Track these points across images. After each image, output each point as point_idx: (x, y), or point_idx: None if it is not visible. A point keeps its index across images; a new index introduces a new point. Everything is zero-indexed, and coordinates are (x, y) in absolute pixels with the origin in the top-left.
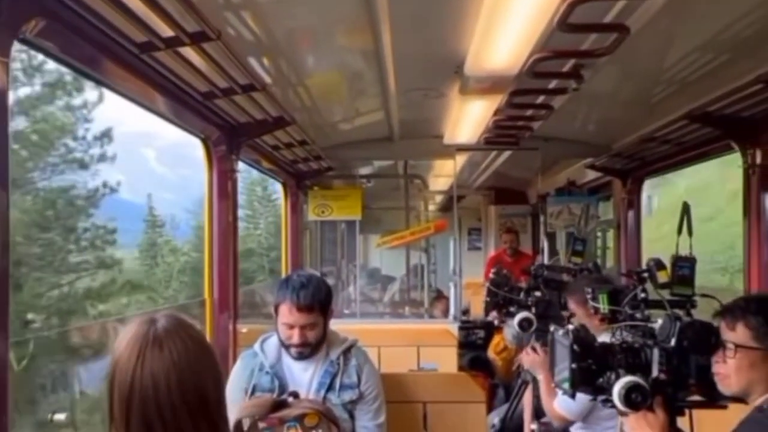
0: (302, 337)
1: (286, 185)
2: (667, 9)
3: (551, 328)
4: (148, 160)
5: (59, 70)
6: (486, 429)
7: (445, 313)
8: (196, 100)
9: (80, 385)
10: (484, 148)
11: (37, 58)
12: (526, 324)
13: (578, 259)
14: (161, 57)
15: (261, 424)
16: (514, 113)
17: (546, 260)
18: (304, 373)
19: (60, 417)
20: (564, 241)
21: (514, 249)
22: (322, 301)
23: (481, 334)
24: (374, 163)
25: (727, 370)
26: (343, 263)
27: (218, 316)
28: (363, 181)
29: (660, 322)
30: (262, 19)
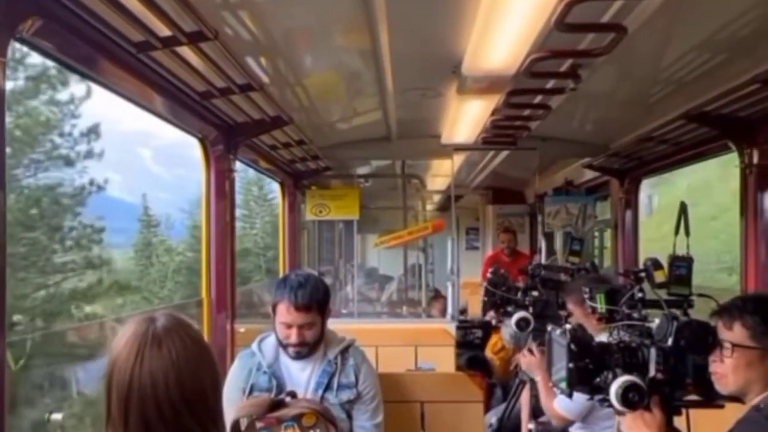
0: (300, 337)
1: (283, 185)
2: (664, 9)
3: (548, 328)
4: (144, 160)
5: (44, 64)
6: (483, 428)
7: (443, 313)
8: (193, 100)
9: (67, 390)
10: (482, 148)
11: (21, 51)
12: (523, 324)
13: (576, 259)
14: (158, 56)
15: (259, 424)
16: (512, 113)
17: (543, 260)
18: (302, 373)
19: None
20: (561, 240)
21: (512, 249)
22: (320, 301)
23: (479, 333)
24: (372, 163)
25: (725, 370)
26: (341, 263)
27: (216, 316)
28: (361, 181)
29: (657, 321)
30: (260, 19)
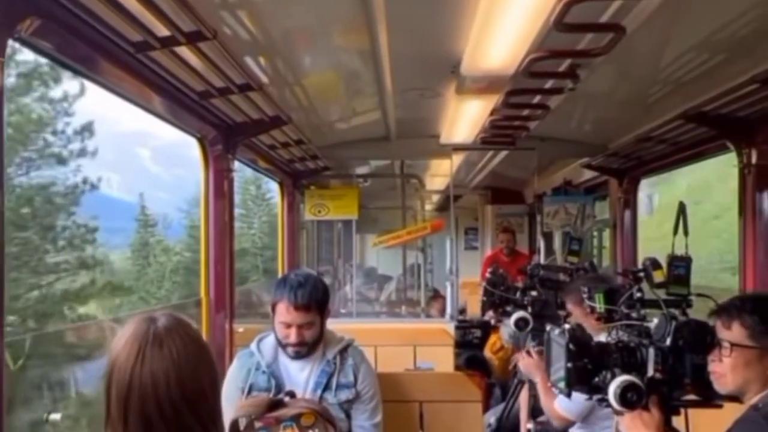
0: (299, 336)
1: (282, 185)
2: (662, 9)
3: (547, 328)
4: (143, 160)
5: (36, 60)
6: (482, 428)
7: (442, 313)
8: (192, 100)
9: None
10: (481, 148)
11: (13, 47)
12: (522, 323)
13: (574, 259)
14: (157, 56)
15: (257, 424)
16: (511, 113)
17: (542, 260)
18: (301, 373)
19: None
20: (560, 240)
21: (511, 248)
22: (319, 301)
23: (478, 333)
24: (371, 163)
25: (723, 369)
26: (340, 263)
27: (214, 316)
28: (360, 181)
29: (656, 321)
30: (259, 19)
